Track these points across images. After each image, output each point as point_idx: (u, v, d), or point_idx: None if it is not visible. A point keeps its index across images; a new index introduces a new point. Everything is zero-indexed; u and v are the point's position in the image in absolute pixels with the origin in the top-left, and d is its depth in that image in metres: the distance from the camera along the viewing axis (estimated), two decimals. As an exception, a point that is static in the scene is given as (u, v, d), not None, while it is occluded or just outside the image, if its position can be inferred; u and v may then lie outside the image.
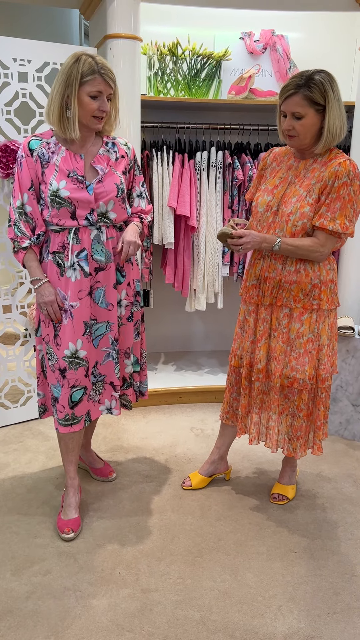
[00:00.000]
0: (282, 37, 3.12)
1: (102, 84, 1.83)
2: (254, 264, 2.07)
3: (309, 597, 1.79)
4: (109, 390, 2.12)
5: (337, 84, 1.86)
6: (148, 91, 3.03)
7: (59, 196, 1.88)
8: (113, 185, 1.96)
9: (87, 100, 1.83)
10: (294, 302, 1.98)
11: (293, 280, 1.96)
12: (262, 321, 2.05)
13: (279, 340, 2.03)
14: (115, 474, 2.43)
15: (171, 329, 3.73)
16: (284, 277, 1.98)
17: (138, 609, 1.73)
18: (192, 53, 2.98)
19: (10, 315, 2.79)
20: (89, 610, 1.72)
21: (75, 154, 1.92)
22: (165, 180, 3.02)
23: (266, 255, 2.02)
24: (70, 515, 2.08)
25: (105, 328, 2.05)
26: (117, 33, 2.68)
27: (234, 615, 1.71)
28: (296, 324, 2.00)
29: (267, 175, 2.06)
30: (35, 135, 1.95)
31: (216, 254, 3.13)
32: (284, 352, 2.03)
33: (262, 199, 2.00)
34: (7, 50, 2.50)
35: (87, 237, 1.95)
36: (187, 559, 1.95)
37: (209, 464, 2.36)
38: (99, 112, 1.86)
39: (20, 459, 2.57)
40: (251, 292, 2.07)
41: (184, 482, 2.37)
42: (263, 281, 2.03)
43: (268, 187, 2.01)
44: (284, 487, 2.31)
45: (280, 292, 1.99)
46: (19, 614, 1.70)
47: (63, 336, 1.97)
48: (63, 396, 2.00)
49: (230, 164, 3.06)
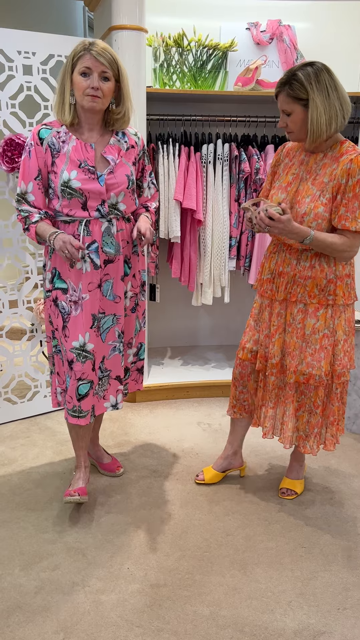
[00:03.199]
0: (289, 28, 3.08)
1: (91, 60, 1.79)
2: (269, 257, 2.05)
3: (319, 592, 1.78)
4: (115, 385, 2.12)
5: (330, 75, 1.80)
6: (154, 83, 3.00)
7: (70, 187, 1.87)
8: (124, 176, 1.94)
9: (79, 79, 1.82)
10: (308, 298, 1.95)
11: (308, 276, 1.94)
12: (277, 315, 2.03)
13: (293, 335, 2.00)
14: (122, 469, 2.43)
15: (178, 323, 3.72)
16: (299, 273, 1.95)
17: (147, 604, 1.72)
18: (197, 44, 2.94)
19: (17, 310, 2.78)
20: (98, 605, 1.72)
21: (85, 143, 1.90)
22: (171, 173, 2.99)
23: (281, 249, 1.99)
24: (77, 485, 2.12)
25: (111, 321, 2.04)
26: (122, 24, 2.65)
27: (244, 611, 1.71)
28: (311, 319, 1.97)
29: (280, 172, 2.03)
30: (45, 123, 1.93)
31: (223, 248, 3.11)
32: (298, 347, 2.00)
33: (276, 197, 1.97)
34: (11, 43, 2.47)
35: (98, 229, 1.94)
36: (196, 554, 1.94)
37: (222, 459, 2.35)
38: (91, 90, 1.82)
39: (28, 454, 2.57)
40: (265, 286, 2.06)
41: (197, 475, 2.36)
42: (277, 276, 2.01)
43: (282, 184, 1.98)
44: (293, 482, 2.30)
45: (295, 288, 1.97)
46: (28, 610, 1.70)
47: (72, 328, 1.97)
48: (71, 388, 2.01)
49: (236, 157, 3.03)
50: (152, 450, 2.63)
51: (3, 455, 2.56)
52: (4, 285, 2.76)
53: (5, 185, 2.64)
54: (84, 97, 1.84)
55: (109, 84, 1.85)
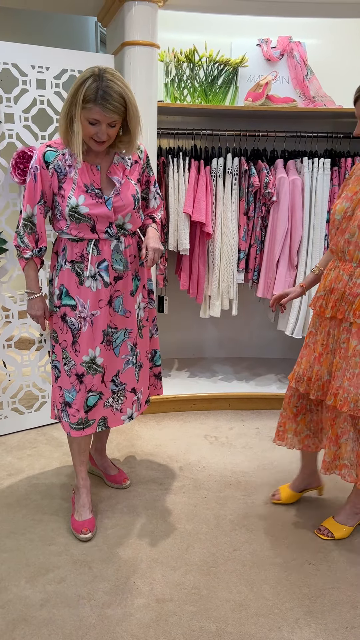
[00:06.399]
0: (299, 44, 3.11)
1: (99, 114, 1.78)
2: (326, 274, 1.99)
3: (327, 610, 1.76)
4: (130, 398, 2.13)
5: None
6: (165, 98, 3.04)
7: (78, 212, 1.88)
8: (130, 197, 1.94)
9: (86, 124, 1.81)
10: (354, 317, 1.86)
11: (357, 293, 1.85)
12: (327, 334, 1.96)
13: (337, 355, 1.93)
14: (129, 481, 2.42)
15: (185, 335, 3.72)
16: (349, 290, 1.87)
17: (153, 619, 1.71)
18: (209, 60, 2.97)
19: (26, 320, 2.79)
20: (104, 619, 1.70)
21: (91, 165, 1.91)
22: (181, 186, 3.01)
23: (337, 265, 1.94)
24: (85, 515, 2.09)
25: (123, 335, 2.05)
26: (135, 40, 2.69)
27: (251, 628, 1.69)
28: (354, 340, 1.87)
29: (349, 184, 1.98)
30: (49, 145, 1.91)
31: (231, 261, 3.12)
32: (340, 368, 1.91)
33: (340, 206, 1.91)
34: (25, 58, 2.52)
35: (108, 248, 1.95)
36: (203, 568, 1.93)
37: (300, 480, 2.30)
38: (97, 137, 1.83)
39: (35, 465, 2.57)
40: (318, 303, 1.98)
41: (273, 495, 2.31)
42: (329, 292, 1.94)
43: (348, 194, 1.92)
44: (336, 525, 2.12)
45: (343, 305, 1.89)
46: (34, 622, 1.69)
47: (82, 343, 1.98)
48: (79, 400, 2.01)
49: (246, 171, 3.05)
50: (158, 462, 2.62)
51: (10, 465, 2.56)
52: (13, 295, 2.78)
53: (17, 197, 2.66)
54: (90, 140, 1.85)
55: (116, 127, 1.84)
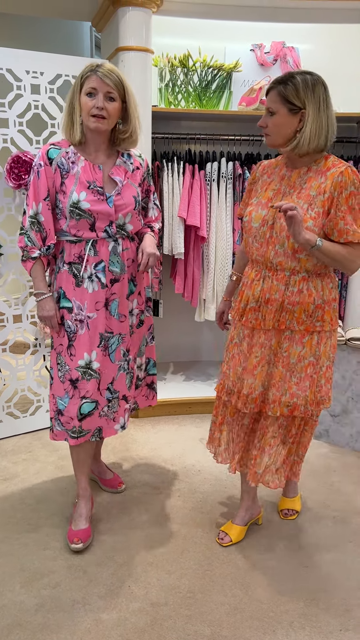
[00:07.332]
0: (292, 49, 3.14)
1: (97, 81, 1.82)
2: (251, 285, 1.90)
3: (321, 613, 1.77)
4: (123, 406, 2.12)
5: (325, 91, 1.76)
6: (159, 102, 3.05)
7: (79, 208, 1.88)
8: (131, 197, 1.96)
9: (85, 99, 1.85)
10: (296, 325, 1.85)
11: (296, 302, 1.83)
12: (260, 346, 1.90)
13: (278, 365, 1.89)
14: (124, 485, 2.42)
15: (180, 338, 3.72)
16: (287, 299, 1.83)
17: (148, 623, 1.71)
18: (203, 65, 2.99)
19: (21, 324, 2.80)
20: (99, 624, 1.70)
21: (94, 165, 1.93)
22: (175, 190, 3.02)
23: (266, 275, 1.88)
24: (81, 525, 2.07)
25: (117, 340, 2.04)
26: (129, 46, 2.71)
27: (245, 631, 1.69)
28: (297, 347, 1.87)
29: (257, 189, 1.95)
30: (53, 143, 1.94)
31: (226, 264, 3.13)
32: (283, 378, 1.89)
33: (256, 213, 1.86)
34: (20, 63, 2.52)
35: (105, 249, 1.95)
36: (198, 572, 1.93)
37: (244, 511, 2.14)
38: (96, 110, 1.84)
39: (30, 469, 2.57)
40: (249, 316, 1.90)
41: (221, 539, 2.09)
42: (264, 304, 1.86)
43: (261, 200, 1.87)
44: (292, 501, 2.29)
45: (284, 315, 1.85)
46: (28, 627, 1.68)
47: (78, 346, 1.97)
48: (71, 407, 1.99)
49: (240, 175, 3.06)
50: (154, 466, 2.63)
51: (5, 470, 2.56)
52: (8, 299, 2.78)
53: (11, 202, 2.67)
54: (89, 117, 1.86)
55: (115, 104, 1.87)
